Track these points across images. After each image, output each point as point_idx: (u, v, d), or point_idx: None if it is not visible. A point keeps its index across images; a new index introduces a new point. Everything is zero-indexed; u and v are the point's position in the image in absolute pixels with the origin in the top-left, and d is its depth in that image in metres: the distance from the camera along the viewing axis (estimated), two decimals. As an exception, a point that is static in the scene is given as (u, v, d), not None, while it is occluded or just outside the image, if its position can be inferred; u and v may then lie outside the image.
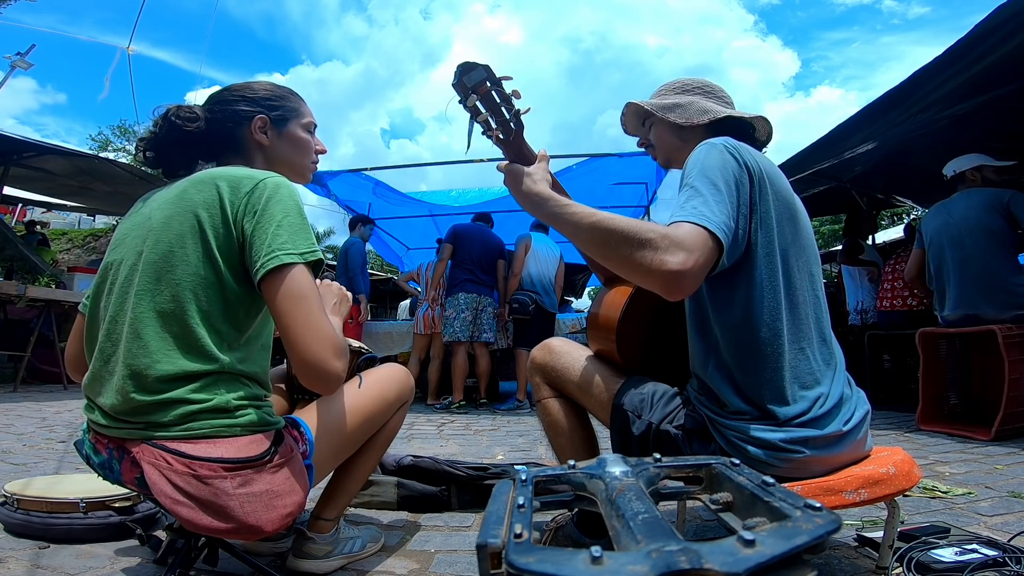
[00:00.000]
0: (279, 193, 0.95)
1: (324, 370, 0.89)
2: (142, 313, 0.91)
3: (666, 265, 0.83)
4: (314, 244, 0.95)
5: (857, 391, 1.05)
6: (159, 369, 0.89)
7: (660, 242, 0.84)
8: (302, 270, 0.91)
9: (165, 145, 1.07)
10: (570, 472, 0.64)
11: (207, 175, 0.98)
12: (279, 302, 0.89)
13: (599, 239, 0.90)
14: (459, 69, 0.99)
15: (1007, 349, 2.55)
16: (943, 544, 1.13)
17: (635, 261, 0.85)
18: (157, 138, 1.07)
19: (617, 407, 1.10)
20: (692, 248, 0.84)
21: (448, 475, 1.68)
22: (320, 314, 0.91)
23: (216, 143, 1.09)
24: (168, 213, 0.95)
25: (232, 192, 0.94)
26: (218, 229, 0.93)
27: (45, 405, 3.92)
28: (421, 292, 4.79)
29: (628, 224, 0.87)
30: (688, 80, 1.21)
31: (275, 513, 0.91)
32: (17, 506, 1.38)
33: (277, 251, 0.90)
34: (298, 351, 0.88)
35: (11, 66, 10.99)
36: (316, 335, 0.89)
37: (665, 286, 0.84)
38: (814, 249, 1.05)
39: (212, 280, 0.93)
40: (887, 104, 3.04)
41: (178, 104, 1.08)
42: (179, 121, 1.05)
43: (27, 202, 8.62)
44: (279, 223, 0.92)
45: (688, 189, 0.94)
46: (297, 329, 0.88)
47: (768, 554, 0.39)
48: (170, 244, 0.93)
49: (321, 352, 0.89)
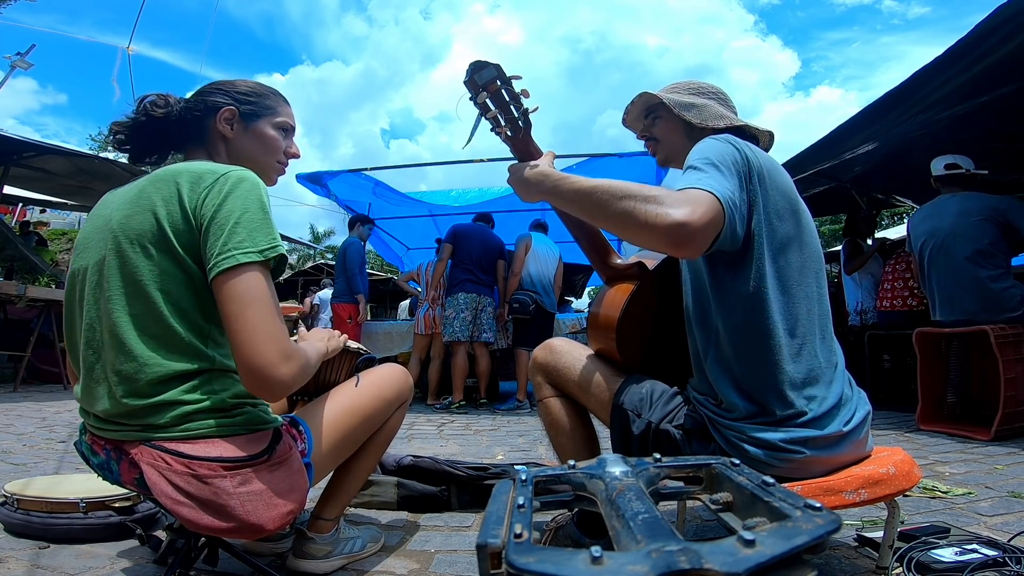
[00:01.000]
0: (240, 187, 0.91)
1: (267, 375, 0.84)
2: (118, 319, 0.89)
3: (670, 216, 0.83)
4: (275, 240, 0.91)
5: (858, 391, 1.05)
6: (149, 372, 0.88)
7: (665, 198, 0.85)
8: (256, 270, 0.87)
9: (133, 130, 1.06)
10: (570, 472, 0.64)
11: (168, 171, 0.95)
12: (228, 304, 0.85)
13: (601, 198, 0.90)
14: (471, 67, 1.00)
15: (1000, 349, 2.56)
16: (943, 544, 1.13)
17: (639, 214, 0.85)
18: (130, 123, 1.06)
19: (617, 406, 1.11)
20: (697, 203, 0.85)
21: (448, 475, 1.68)
22: (271, 317, 0.86)
23: (182, 132, 1.08)
24: (127, 213, 0.93)
25: (192, 187, 0.91)
26: (178, 225, 0.90)
27: (45, 405, 3.92)
28: (421, 292, 4.78)
29: (631, 184, 0.89)
30: (703, 84, 1.22)
31: (275, 511, 0.91)
32: (17, 506, 1.38)
33: (233, 250, 0.86)
34: (242, 354, 0.84)
35: (11, 66, 10.99)
36: (263, 337, 0.84)
37: (669, 236, 0.83)
38: (817, 247, 1.05)
39: (180, 277, 0.90)
40: (887, 104, 3.04)
41: (159, 92, 1.08)
42: (149, 107, 1.05)
43: (27, 201, 8.61)
44: (237, 219, 0.88)
45: (691, 171, 0.94)
46: (244, 331, 0.84)
47: (768, 554, 0.39)
48: (132, 244, 0.90)
49: (266, 355, 0.84)
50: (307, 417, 1.07)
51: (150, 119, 1.05)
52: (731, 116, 1.16)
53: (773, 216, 0.98)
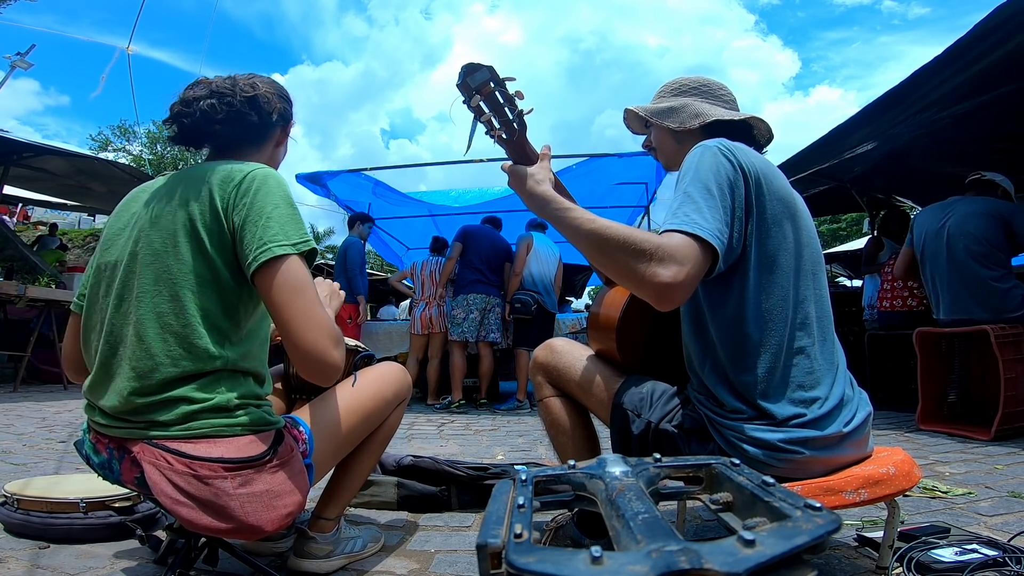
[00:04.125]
0: (268, 184, 0.94)
1: (323, 360, 0.89)
2: (144, 315, 0.91)
3: (658, 277, 0.85)
4: (306, 234, 0.94)
5: (859, 392, 1.05)
6: (162, 372, 0.89)
7: (654, 253, 0.86)
8: (296, 261, 0.90)
9: (228, 120, 1.02)
10: (570, 472, 0.64)
11: (198, 171, 0.97)
12: (275, 294, 0.88)
13: (596, 246, 0.92)
14: (463, 70, 1.00)
15: (1000, 349, 2.56)
16: (943, 544, 1.13)
17: (629, 270, 0.87)
18: (231, 110, 1.02)
19: (617, 406, 1.11)
20: (684, 260, 0.86)
21: (448, 475, 1.68)
22: (317, 304, 0.90)
23: (252, 133, 1.08)
24: (159, 211, 0.95)
25: (222, 186, 0.93)
26: (209, 224, 0.92)
27: (45, 405, 3.92)
28: (416, 292, 4.75)
29: (625, 233, 0.89)
30: (686, 80, 1.20)
31: (275, 513, 0.91)
32: (17, 506, 1.38)
33: (269, 243, 0.89)
34: (297, 342, 0.88)
35: (11, 66, 10.98)
36: (314, 325, 0.89)
37: (656, 297, 0.87)
38: (816, 248, 1.05)
39: (208, 276, 0.92)
40: (887, 104, 3.04)
41: (254, 87, 1.05)
42: (264, 107, 1.05)
43: (27, 202, 8.62)
44: (269, 215, 0.91)
45: (682, 195, 0.94)
46: (295, 320, 0.88)
47: (768, 554, 0.39)
48: (163, 242, 0.92)
49: (319, 341, 0.88)
50: (306, 417, 1.07)
51: (260, 115, 1.05)
52: (707, 112, 1.13)
53: (770, 221, 0.98)
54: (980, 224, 2.78)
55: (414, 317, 4.62)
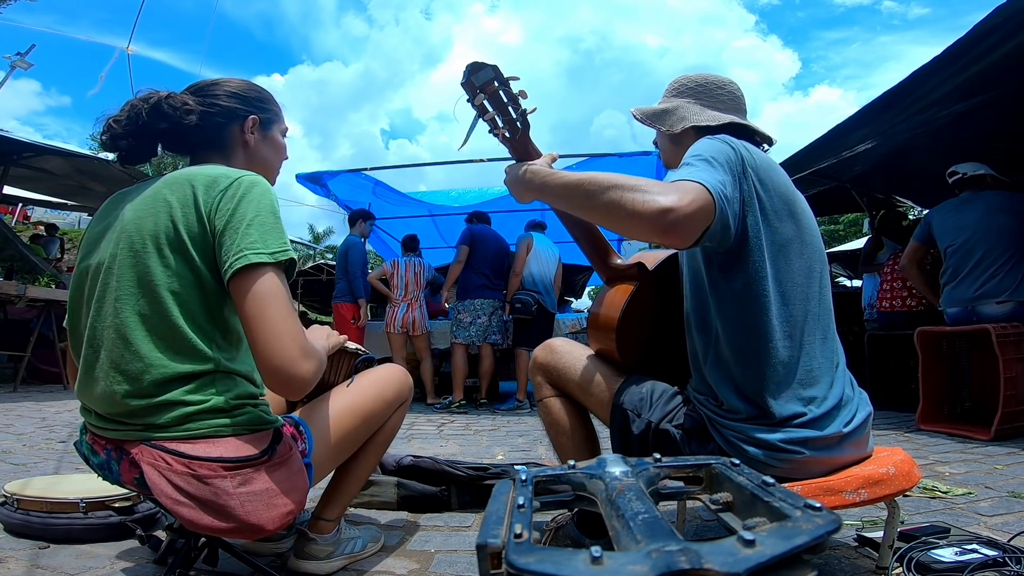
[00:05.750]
0: (253, 191, 0.93)
1: (289, 372, 0.86)
2: (127, 318, 0.90)
3: (657, 202, 0.81)
4: (286, 244, 0.92)
5: (859, 392, 1.05)
6: (154, 373, 0.88)
7: (652, 187, 0.84)
8: (271, 270, 0.89)
9: (145, 133, 1.02)
10: (570, 472, 0.64)
11: (182, 175, 0.96)
12: (246, 303, 0.87)
13: (588, 190, 0.90)
14: (468, 68, 1.00)
15: (1001, 348, 2.55)
16: (943, 544, 1.13)
17: (625, 202, 0.84)
18: (137, 124, 1.00)
19: (617, 406, 1.11)
20: (685, 191, 0.84)
21: (448, 475, 1.68)
22: (288, 315, 0.88)
23: (199, 138, 1.06)
24: (140, 213, 0.93)
25: (207, 190, 0.92)
26: (192, 227, 0.91)
27: (45, 405, 3.92)
28: (399, 293, 4.55)
29: (619, 175, 0.88)
30: (686, 80, 1.20)
31: (275, 512, 0.91)
32: (17, 506, 1.37)
33: (246, 250, 0.87)
34: (263, 353, 0.86)
35: (11, 66, 10.98)
36: (282, 334, 0.86)
37: (656, 223, 0.81)
38: (819, 246, 1.05)
39: (191, 279, 0.91)
40: (887, 103, 3.04)
41: (168, 92, 1.03)
42: (173, 112, 1.00)
43: (27, 202, 8.61)
44: (250, 222, 0.90)
45: (683, 167, 0.94)
46: (263, 330, 0.86)
47: (768, 554, 0.39)
48: (144, 244, 0.91)
49: (286, 351, 0.86)
50: (307, 417, 1.08)
51: (174, 125, 1.01)
52: (691, 117, 1.13)
53: (771, 216, 0.97)
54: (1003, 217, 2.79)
55: (394, 317, 4.48)
